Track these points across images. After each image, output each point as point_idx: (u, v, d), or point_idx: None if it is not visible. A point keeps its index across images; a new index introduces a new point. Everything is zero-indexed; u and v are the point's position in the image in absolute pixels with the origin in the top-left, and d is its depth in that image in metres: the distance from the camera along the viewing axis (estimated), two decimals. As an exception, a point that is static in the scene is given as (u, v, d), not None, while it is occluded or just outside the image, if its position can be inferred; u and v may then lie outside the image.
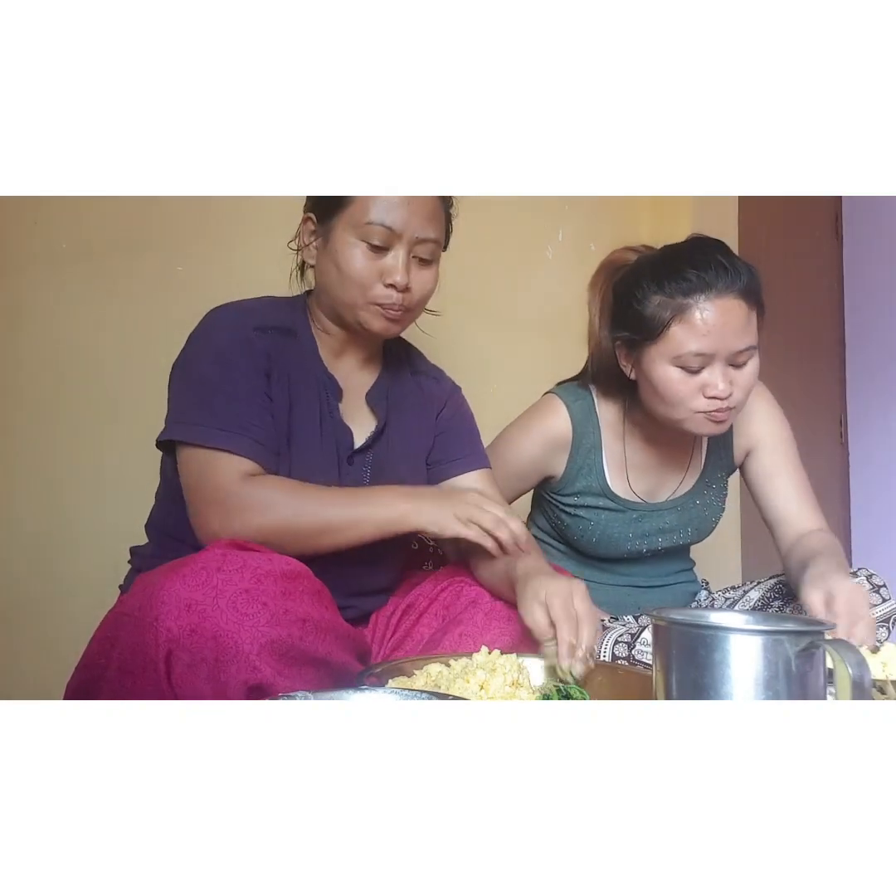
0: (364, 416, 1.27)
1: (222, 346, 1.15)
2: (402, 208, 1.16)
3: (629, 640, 1.36)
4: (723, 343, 1.30)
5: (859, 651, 0.71)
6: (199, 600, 0.89)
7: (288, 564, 0.99)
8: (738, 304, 1.30)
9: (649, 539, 1.55)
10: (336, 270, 1.17)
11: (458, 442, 1.35)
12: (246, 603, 0.90)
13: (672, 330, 1.31)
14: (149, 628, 0.88)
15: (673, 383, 1.34)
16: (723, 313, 1.29)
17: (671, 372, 1.33)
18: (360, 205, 1.15)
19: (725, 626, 0.77)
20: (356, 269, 1.16)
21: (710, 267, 1.31)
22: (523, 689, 0.92)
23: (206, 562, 0.92)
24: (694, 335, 1.30)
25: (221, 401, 1.12)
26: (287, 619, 0.93)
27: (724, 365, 1.32)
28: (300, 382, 1.21)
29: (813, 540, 1.42)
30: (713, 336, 1.29)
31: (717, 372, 1.32)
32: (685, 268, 1.32)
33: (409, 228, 1.16)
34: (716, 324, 1.29)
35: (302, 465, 1.17)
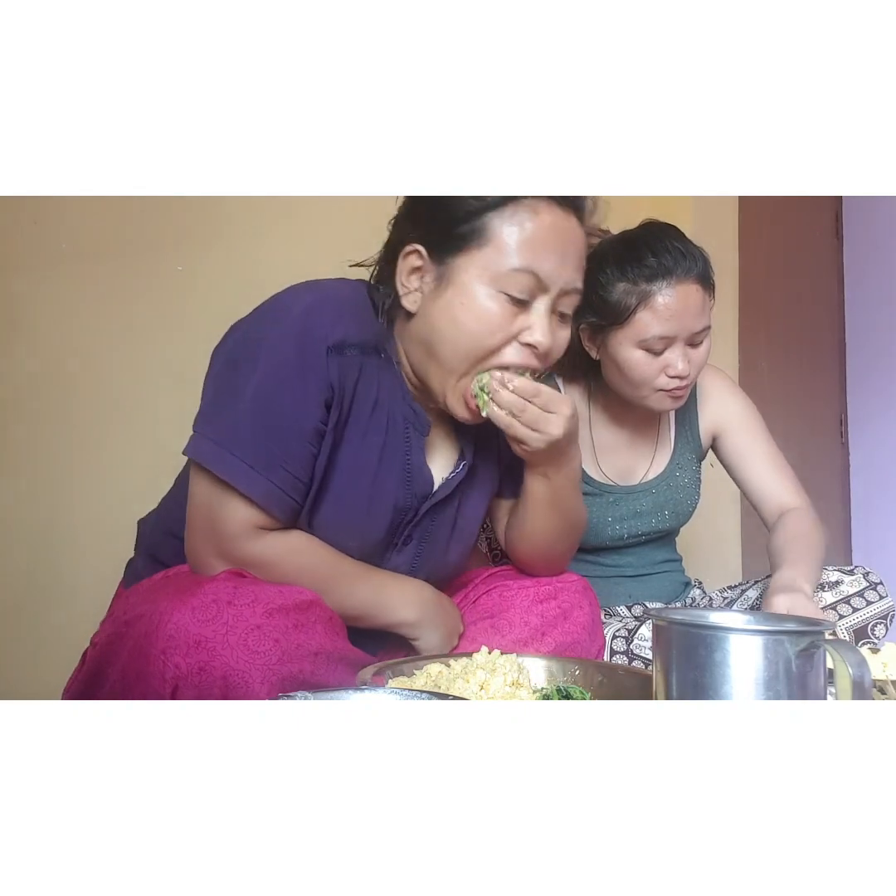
0: (445, 456, 1.13)
1: (284, 365, 0.97)
2: (552, 253, 0.97)
3: (626, 635, 1.37)
4: (683, 326, 1.37)
5: (859, 651, 0.71)
6: (208, 637, 0.84)
7: (301, 594, 0.94)
8: (695, 289, 1.38)
9: (628, 523, 1.57)
10: (453, 327, 0.98)
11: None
12: (257, 640, 0.86)
13: (637, 315, 1.37)
14: (155, 660, 0.84)
15: (638, 364, 1.40)
16: (683, 297, 1.37)
17: (636, 354, 1.40)
18: (500, 245, 0.96)
19: (725, 626, 0.77)
20: (490, 328, 0.97)
21: (669, 253, 1.37)
22: (523, 689, 0.92)
23: (217, 594, 0.88)
24: (658, 320, 1.37)
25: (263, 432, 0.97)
26: (299, 654, 0.90)
27: (684, 346, 1.39)
28: (371, 413, 1.03)
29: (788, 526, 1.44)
30: (675, 320, 1.37)
31: (677, 352, 1.39)
32: (646, 254, 1.38)
33: (560, 277, 0.99)
34: (678, 308, 1.36)
35: (334, 515, 1.03)
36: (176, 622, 0.85)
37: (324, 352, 0.98)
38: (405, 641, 1.10)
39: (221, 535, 0.98)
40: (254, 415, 0.97)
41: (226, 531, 0.98)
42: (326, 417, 1.00)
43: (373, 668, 0.94)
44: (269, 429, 0.97)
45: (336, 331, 0.99)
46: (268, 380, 0.97)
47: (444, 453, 1.14)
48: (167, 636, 0.84)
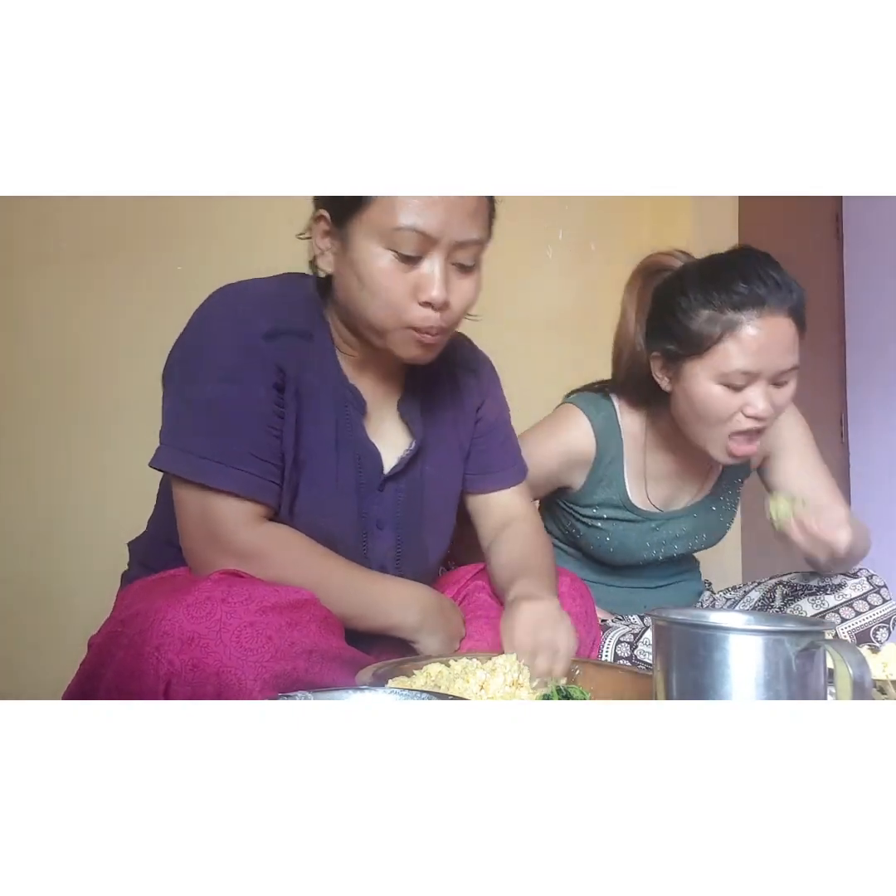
0: (396, 433, 1.14)
1: (225, 360, 1.00)
2: (437, 206, 0.96)
3: (632, 640, 1.35)
4: (770, 362, 1.26)
5: (860, 651, 0.71)
6: (202, 634, 0.85)
7: (296, 594, 0.94)
8: (787, 323, 1.27)
9: (665, 546, 1.53)
10: (359, 285, 0.99)
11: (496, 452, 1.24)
12: (250, 637, 0.87)
13: (720, 346, 1.26)
14: (149, 657, 0.85)
15: (714, 400, 1.29)
16: (773, 331, 1.26)
17: (713, 388, 1.28)
18: (385, 205, 0.96)
19: (725, 625, 0.77)
20: (385, 286, 0.98)
21: (763, 281, 1.26)
22: (523, 689, 0.92)
23: (211, 591, 0.88)
24: (743, 352, 1.25)
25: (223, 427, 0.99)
26: (293, 651, 0.90)
27: (767, 384, 1.28)
28: (314, 396, 1.05)
29: None
30: (762, 354, 1.26)
31: (759, 390, 1.28)
32: (735, 280, 1.27)
33: (447, 231, 0.97)
34: (766, 342, 1.25)
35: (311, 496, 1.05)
36: (170, 619, 0.85)
37: (260, 340, 1.01)
38: (402, 643, 1.09)
39: (217, 531, 0.99)
40: (210, 414, 0.99)
41: (221, 526, 0.99)
42: (280, 399, 1.02)
43: (372, 669, 0.94)
44: (227, 423, 0.99)
45: (266, 320, 1.02)
46: (215, 379, 0.99)
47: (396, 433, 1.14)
48: (161, 633, 0.85)
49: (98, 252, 1.72)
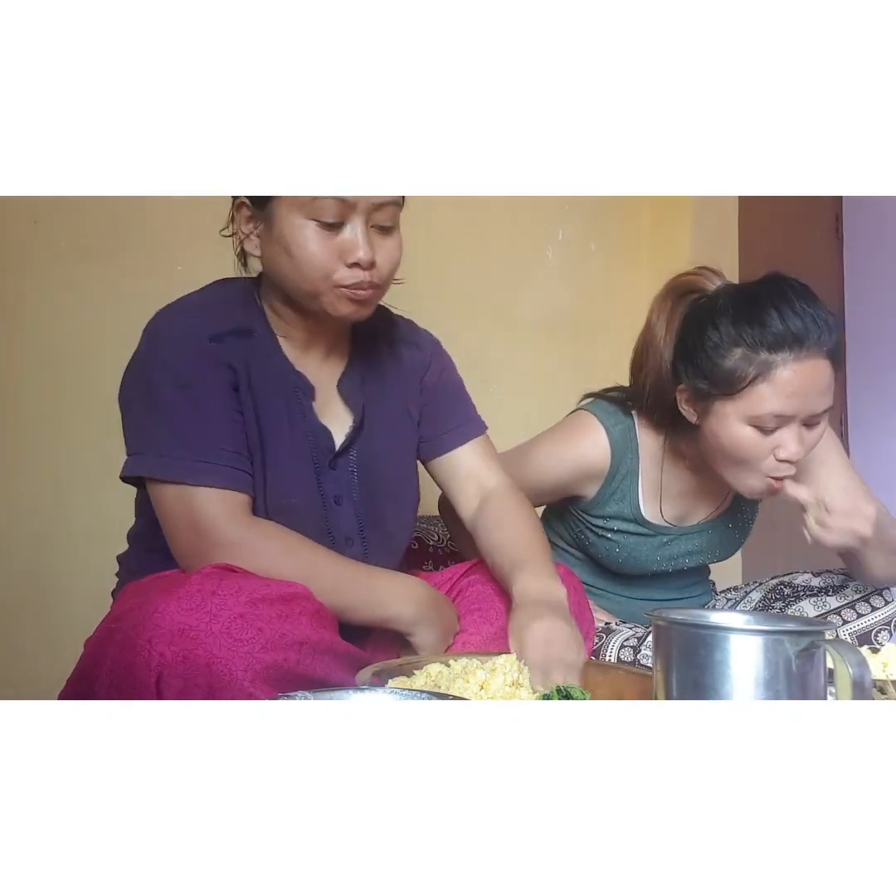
0: (342, 411, 1.18)
1: (180, 366, 1.05)
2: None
3: (635, 644, 1.34)
4: (805, 405, 1.21)
5: (860, 651, 0.71)
6: (192, 625, 0.86)
7: (287, 587, 0.95)
8: (824, 364, 1.21)
9: (676, 561, 1.50)
10: (287, 258, 1.04)
11: (446, 411, 1.26)
12: (241, 628, 0.88)
13: (754, 388, 1.21)
14: (141, 650, 0.86)
15: (746, 442, 1.24)
16: (810, 374, 1.20)
17: (745, 431, 1.24)
18: None
19: (726, 626, 0.77)
20: (311, 252, 1.03)
21: (800, 318, 1.20)
22: (523, 689, 0.92)
23: (202, 584, 0.90)
24: (777, 396, 1.20)
25: (190, 427, 1.03)
26: (283, 643, 0.91)
27: (800, 426, 1.23)
28: (265, 388, 1.10)
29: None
30: (797, 398, 1.20)
31: (792, 433, 1.23)
32: (771, 317, 1.20)
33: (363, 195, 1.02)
34: (802, 385, 1.19)
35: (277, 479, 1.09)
36: (161, 612, 0.87)
37: (207, 342, 1.06)
38: (396, 636, 1.10)
39: (204, 526, 1.01)
40: (175, 418, 1.03)
41: (207, 520, 1.01)
42: (236, 395, 1.07)
43: (372, 669, 0.94)
44: (193, 423, 1.03)
45: (209, 325, 1.08)
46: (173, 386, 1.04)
47: (341, 412, 1.18)
48: (153, 626, 0.86)
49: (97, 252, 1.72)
